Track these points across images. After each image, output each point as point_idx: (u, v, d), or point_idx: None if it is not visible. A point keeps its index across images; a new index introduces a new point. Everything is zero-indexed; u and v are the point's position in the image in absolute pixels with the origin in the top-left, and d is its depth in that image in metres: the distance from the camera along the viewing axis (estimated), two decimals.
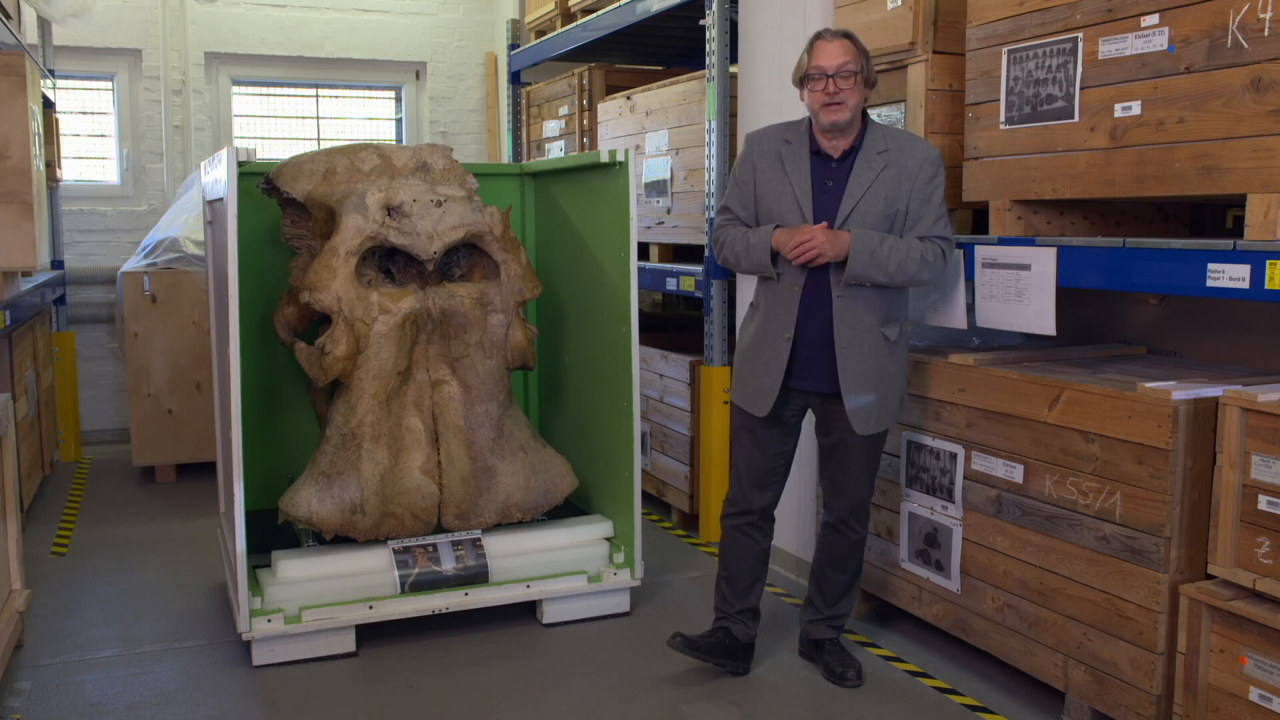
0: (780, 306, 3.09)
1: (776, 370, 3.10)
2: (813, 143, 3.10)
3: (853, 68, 2.98)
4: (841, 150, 3.06)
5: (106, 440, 6.71)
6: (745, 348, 3.23)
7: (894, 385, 3.14)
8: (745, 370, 3.21)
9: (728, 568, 3.32)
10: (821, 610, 3.36)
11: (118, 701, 3.19)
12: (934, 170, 3.05)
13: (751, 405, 3.17)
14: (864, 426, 3.09)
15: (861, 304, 3.03)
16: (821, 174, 3.08)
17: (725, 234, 3.21)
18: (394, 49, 7.29)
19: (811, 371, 3.10)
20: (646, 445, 5.11)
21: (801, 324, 3.07)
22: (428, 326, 3.64)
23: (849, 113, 2.99)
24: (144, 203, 6.84)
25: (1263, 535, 2.48)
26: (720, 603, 3.34)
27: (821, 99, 2.99)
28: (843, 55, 2.97)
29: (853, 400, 3.05)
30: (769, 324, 3.12)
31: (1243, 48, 2.49)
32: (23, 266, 4.10)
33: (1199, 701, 2.60)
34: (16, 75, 4.02)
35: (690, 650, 3.26)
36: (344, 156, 3.62)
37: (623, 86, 5.47)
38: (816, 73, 2.99)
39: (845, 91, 2.97)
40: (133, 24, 6.68)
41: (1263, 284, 2.40)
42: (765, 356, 3.13)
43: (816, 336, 3.06)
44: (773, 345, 3.11)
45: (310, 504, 3.50)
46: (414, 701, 3.18)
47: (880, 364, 3.07)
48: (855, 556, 3.32)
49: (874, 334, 3.05)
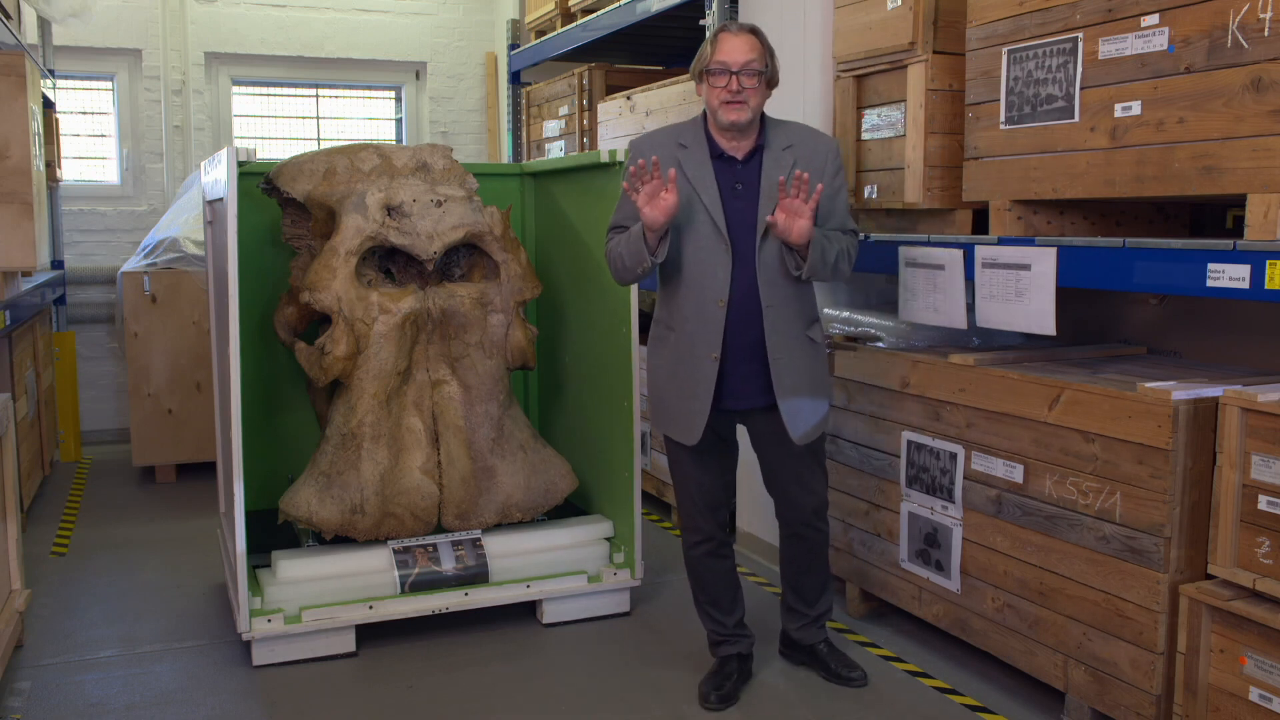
0: (702, 325, 2.89)
1: (705, 393, 2.91)
2: (712, 145, 2.91)
3: (758, 66, 2.83)
4: (745, 151, 2.91)
5: (106, 440, 6.71)
6: (662, 372, 3.02)
7: (824, 387, 3.06)
8: (668, 396, 3.00)
9: (707, 592, 3.21)
10: (806, 613, 3.31)
11: (118, 701, 3.19)
12: (838, 164, 2.96)
13: (682, 434, 2.97)
14: (806, 437, 3.00)
15: (789, 311, 2.92)
16: (729, 179, 2.90)
17: (610, 246, 2.97)
18: (394, 49, 7.29)
19: (744, 389, 2.94)
20: (646, 445, 5.11)
21: (729, 341, 2.89)
22: (428, 326, 3.64)
23: (750, 113, 2.85)
24: (144, 203, 6.84)
25: (1263, 535, 2.48)
26: (712, 625, 3.25)
27: (722, 95, 2.82)
28: (749, 52, 2.82)
29: (791, 412, 2.94)
30: (690, 345, 2.92)
31: (1243, 48, 2.49)
32: (23, 266, 4.10)
33: (1199, 701, 2.60)
34: (16, 75, 4.02)
35: (727, 701, 3.11)
36: (344, 156, 3.62)
37: (623, 86, 5.47)
38: (719, 68, 2.82)
39: (749, 90, 2.82)
40: (133, 24, 6.68)
41: (1263, 284, 2.40)
42: (692, 379, 2.92)
43: (746, 353, 2.90)
44: (697, 367, 2.91)
45: (310, 504, 3.51)
46: (414, 701, 3.18)
47: (810, 369, 2.99)
48: (822, 554, 3.25)
49: (801, 339, 2.97)
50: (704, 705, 3.11)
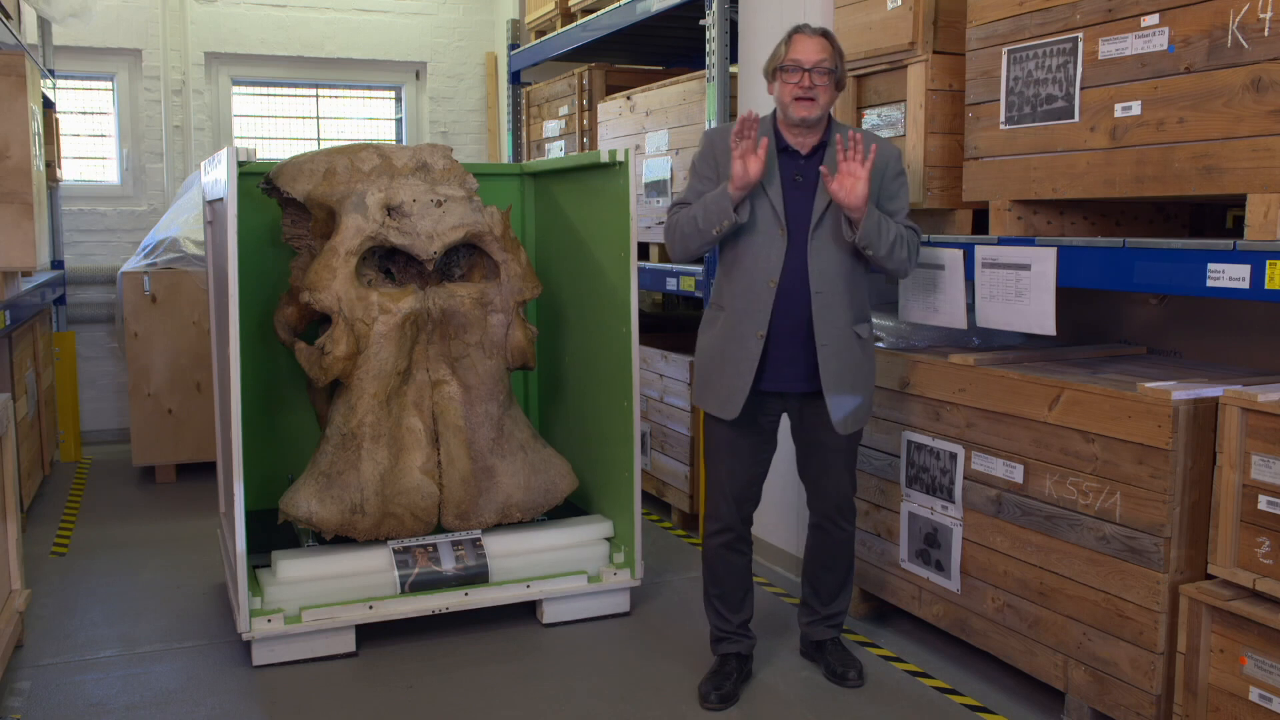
0: (752, 304, 3.02)
1: (747, 370, 3.02)
2: (779, 139, 3.06)
3: (829, 65, 2.97)
4: (809, 146, 3.04)
5: (106, 440, 6.71)
6: (709, 349, 3.13)
7: (868, 384, 3.13)
8: (711, 372, 3.12)
9: (719, 585, 3.24)
10: (819, 610, 3.35)
11: (118, 701, 3.19)
12: (899, 166, 3.09)
13: (720, 409, 3.07)
14: (845, 426, 3.07)
15: (837, 302, 3.01)
16: (791, 171, 3.04)
17: (677, 214, 3.10)
18: (394, 49, 7.29)
19: (787, 372, 3.04)
20: (646, 445, 5.11)
21: (776, 322, 3.00)
22: (428, 326, 3.64)
23: (820, 110, 2.98)
24: (144, 203, 6.84)
25: (1263, 535, 2.48)
26: (717, 620, 3.27)
27: (794, 92, 2.96)
28: (820, 52, 2.96)
29: (835, 400, 3.02)
30: (738, 322, 3.04)
31: (1243, 48, 2.49)
32: (23, 266, 4.11)
33: (1199, 701, 2.60)
34: (16, 75, 4.03)
35: (727, 701, 3.13)
36: (344, 156, 3.62)
37: (623, 86, 5.47)
38: (792, 65, 2.96)
39: (819, 88, 2.96)
40: (133, 24, 6.68)
41: (1263, 284, 2.40)
42: (735, 356, 3.04)
43: (791, 336, 3.01)
44: (742, 345, 3.03)
45: (310, 504, 3.51)
46: (414, 701, 3.18)
47: (856, 363, 3.06)
48: (845, 553, 3.30)
49: (848, 332, 3.04)
50: (704, 705, 3.12)
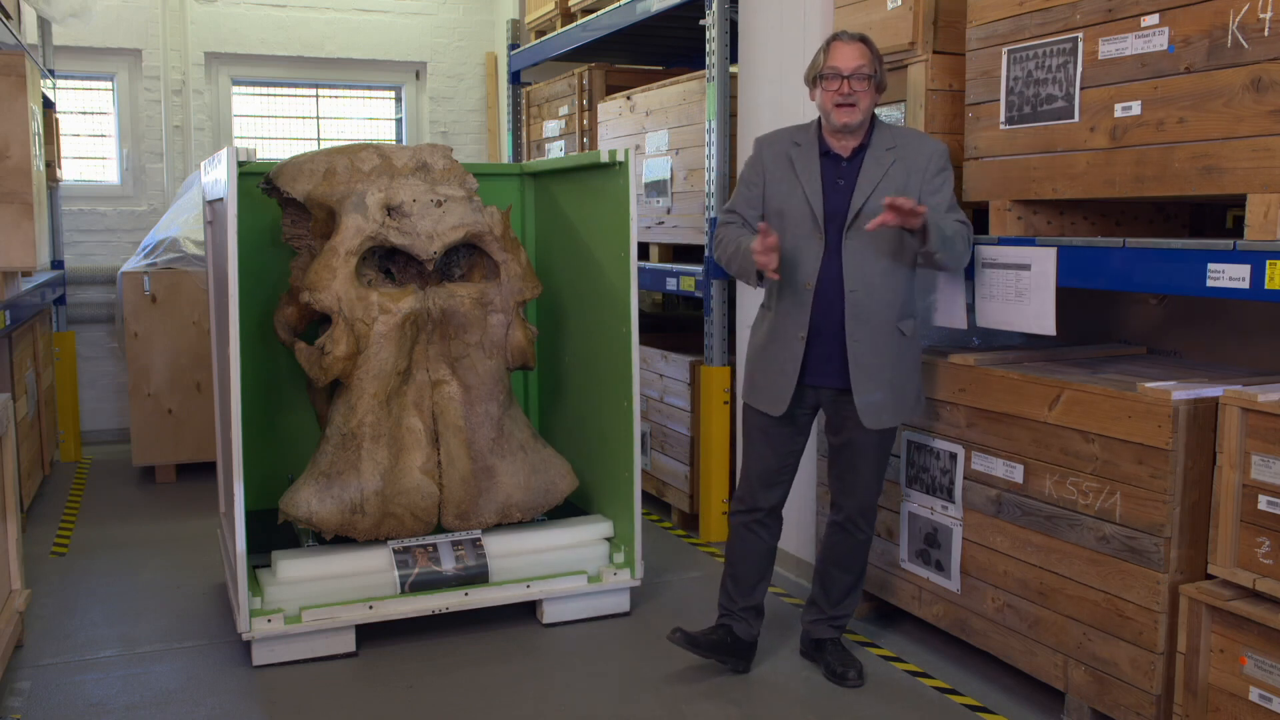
0: (794, 306, 3.12)
1: (792, 369, 3.12)
2: (822, 144, 3.13)
3: (867, 71, 3.02)
4: (851, 149, 3.10)
5: (106, 440, 6.71)
6: (758, 348, 3.25)
7: (908, 381, 3.16)
8: (759, 371, 3.23)
9: (734, 565, 3.34)
10: (825, 610, 3.36)
11: (118, 701, 3.19)
12: (942, 162, 3.10)
13: (768, 405, 3.19)
14: (874, 420, 3.10)
15: (874, 298, 3.06)
16: (832, 174, 3.11)
17: (725, 232, 3.24)
18: (394, 49, 7.29)
19: (824, 368, 3.12)
20: (646, 445, 5.11)
21: (815, 321, 3.09)
22: (428, 326, 3.64)
23: (861, 115, 3.04)
24: (144, 203, 6.84)
25: (1263, 535, 2.48)
26: (724, 599, 3.35)
27: (834, 99, 3.02)
28: (859, 59, 3.01)
29: (862, 394, 3.08)
30: (782, 323, 3.15)
31: (1243, 48, 2.49)
32: (23, 266, 4.11)
33: (1199, 701, 2.60)
34: (16, 75, 4.03)
35: (690, 646, 3.27)
36: (344, 156, 3.62)
37: (623, 86, 5.47)
38: (831, 73, 3.02)
39: (859, 94, 3.01)
40: (133, 24, 6.68)
41: (1263, 284, 2.40)
42: (781, 356, 3.15)
43: (829, 333, 3.09)
44: (787, 345, 3.13)
45: (310, 504, 3.50)
46: (414, 701, 3.18)
47: (893, 358, 3.10)
48: (860, 556, 3.33)
49: (887, 328, 3.08)
50: (669, 637, 3.29)
